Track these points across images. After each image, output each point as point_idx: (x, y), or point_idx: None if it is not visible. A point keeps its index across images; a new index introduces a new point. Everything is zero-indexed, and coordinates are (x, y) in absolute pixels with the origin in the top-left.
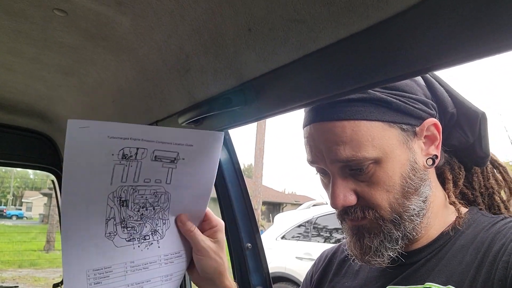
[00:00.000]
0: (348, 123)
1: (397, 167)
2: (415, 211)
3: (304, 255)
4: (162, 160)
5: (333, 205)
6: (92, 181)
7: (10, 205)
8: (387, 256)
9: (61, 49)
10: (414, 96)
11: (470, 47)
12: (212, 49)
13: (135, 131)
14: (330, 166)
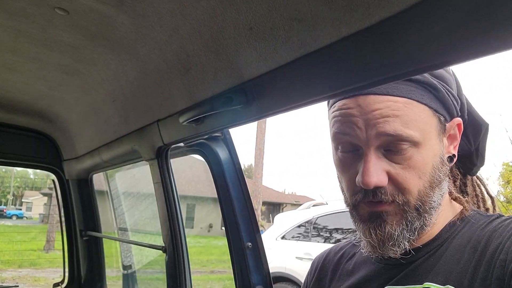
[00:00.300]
0: (402, 99)
1: (431, 156)
2: (435, 204)
3: (304, 255)
4: None
5: (365, 183)
6: None
7: (10, 205)
8: (403, 246)
9: (62, 48)
10: (453, 91)
11: (470, 45)
12: (213, 48)
13: None
14: (372, 140)
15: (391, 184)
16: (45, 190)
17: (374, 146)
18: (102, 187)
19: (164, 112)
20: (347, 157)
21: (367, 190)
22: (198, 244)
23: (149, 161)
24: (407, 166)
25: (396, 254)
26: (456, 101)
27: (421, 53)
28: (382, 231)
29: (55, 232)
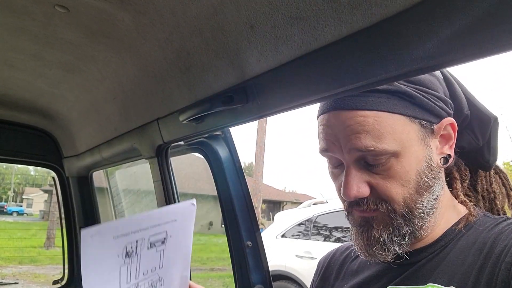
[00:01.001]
0: (371, 113)
1: (414, 163)
2: (426, 209)
3: (304, 253)
4: (156, 244)
5: (345, 196)
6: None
7: (11, 201)
8: (392, 250)
9: (62, 46)
10: (436, 93)
11: (472, 45)
12: (214, 47)
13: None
14: (347, 155)
15: (373, 194)
16: (46, 187)
17: (352, 160)
18: (102, 184)
19: (164, 110)
20: (334, 170)
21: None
22: (198, 241)
23: (149, 159)
24: (387, 176)
25: (387, 258)
26: (443, 102)
27: (422, 53)
28: (369, 235)
29: (55, 229)
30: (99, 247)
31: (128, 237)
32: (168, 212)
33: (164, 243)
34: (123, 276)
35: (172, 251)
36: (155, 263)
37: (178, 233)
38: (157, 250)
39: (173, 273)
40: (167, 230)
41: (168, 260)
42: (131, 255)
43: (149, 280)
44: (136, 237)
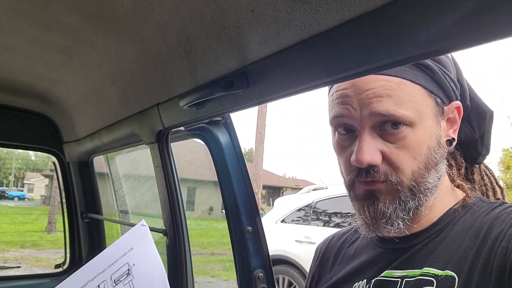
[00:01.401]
0: (395, 79)
1: (427, 137)
2: (430, 185)
3: (304, 238)
4: (121, 279)
5: (358, 161)
6: None
7: (12, 186)
8: (396, 225)
9: (61, 30)
10: (450, 74)
11: (477, 30)
12: (214, 31)
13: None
14: (366, 120)
15: (385, 163)
16: (47, 172)
17: (368, 125)
18: (103, 169)
19: (164, 96)
20: (344, 139)
21: (361, 168)
22: (199, 226)
23: (150, 145)
24: (402, 146)
25: (390, 232)
26: (455, 85)
27: (426, 38)
28: (375, 209)
29: (56, 213)
30: None
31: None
32: (121, 245)
33: (130, 274)
34: None
35: (141, 278)
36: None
37: (140, 259)
38: (125, 284)
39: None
40: (127, 262)
41: (141, 286)
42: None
43: None
44: (96, 283)
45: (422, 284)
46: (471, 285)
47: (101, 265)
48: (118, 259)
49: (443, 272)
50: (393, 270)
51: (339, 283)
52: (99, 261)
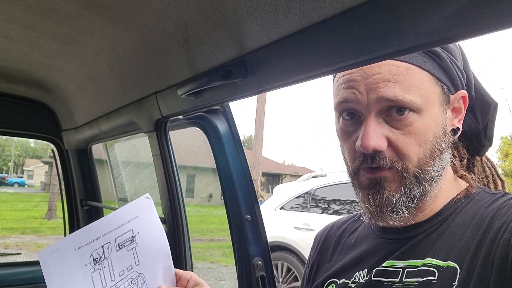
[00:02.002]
0: (404, 64)
1: (433, 124)
2: (435, 173)
3: (302, 225)
4: (125, 244)
5: (363, 147)
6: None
7: (12, 173)
8: (401, 213)
9: (58, 17)
10: (457, 63)
11: (479, 19)
12: (212, 19)
13: (94, 231)
14: (373, 105)
15: (390, 150)
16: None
17: (375, 111)
18: (102, 157)
19: (162, 84)
20: (348, 124)
21: (366, 154)
22: (198, 213)
23: (148, 133)
24: (408, 132)
25: (395, 221)
26: (461, 74)
27: (427, 28)
28: (380, 197)
29: (56, 200)
30: (62, 263)
31: (92, 245)
32: (125, 212)
33: (134, 241)
34: (97, 281)
35: (145, 246)
36: (130, 262)
37: (145, 228)
38: (128, 250)
39: (154, 266)
40: (132, 229)
41: (144, 255)
42: (100, 260)
43: (127, 279)
44: (100, 243)
45: (424, 275)
46: (473, 276)
47: (106, 227)
48: (123, 224)
49: (445, 263)
50: (394, 260)
51: (339, 272)
52: (104, 223)
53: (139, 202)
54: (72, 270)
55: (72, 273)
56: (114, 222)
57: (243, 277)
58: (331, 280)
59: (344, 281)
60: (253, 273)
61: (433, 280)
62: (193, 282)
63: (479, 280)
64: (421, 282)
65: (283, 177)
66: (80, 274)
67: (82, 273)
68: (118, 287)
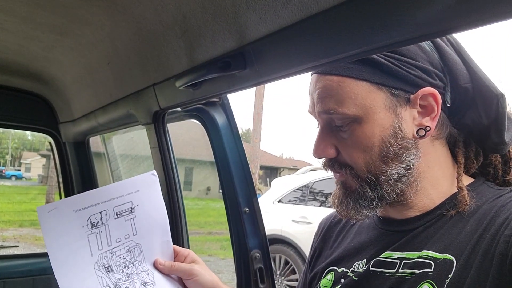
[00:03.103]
0: (337, 78)
1: (378, 130)
2: (393, 176)
3: (300, 218)
4: (122, 214)
5: (312, 154)
6: (76, 257)
7: (9, 166)
8: (362, 213)
9: (54, 8)
10: (412, 61)
11: (475, 12)
12: (211, 10)
13: (93, 197)
14: (318, 117)
15: (340, 157)
16: (43, 151)
17: (322, 122)
18: (100, 149)
19: (160, 76)
20: None
21: (324, 160)
22: (196, 206)
23: (146, 126)
24: (350, 140)
25: (359, 219)
26: (422, 70)
27: (427, 19)
28: (336, 197)
29: (54, 193)
30: (60, 221)
31: (90, 210)
32: (128, 185)
33: (132, 212)
34: (93, 243)
35: (143, 219)
36: (127, 231)
37: (145, 202)
38: (126, 219)
39: (151, 239)
40: (132, 201)
41: (142, 227)
42: (97, 225)
43: (124, 246)
44: (98, 209)
45: (420, 266)
46: (470, 270)
47: (105, 195)
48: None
49: (442, 255)
50: (393, 251)
51: (339, 261)
52: (104, 192)
53: (143, 177)
54: (69, 229)
55: (69, 231)
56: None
57: (241, 270)
58: (330, 267)
59: (344, 269)
60: (251, 266)
61: (429, 272)
62: (190, 259)
63: (477, 274)
64: (417, 273)
65: (281, 171)
66: (77, 234)
67: (79, 234)
68: (114, 252)
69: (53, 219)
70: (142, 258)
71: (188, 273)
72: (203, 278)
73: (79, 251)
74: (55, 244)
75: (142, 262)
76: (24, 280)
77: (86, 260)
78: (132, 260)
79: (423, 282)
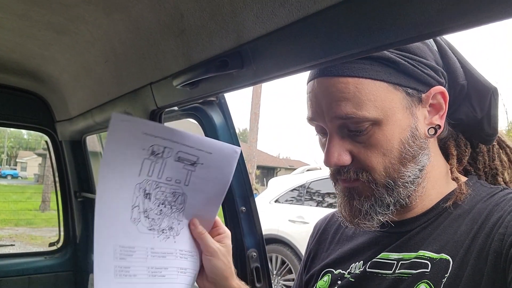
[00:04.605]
0: (352, 80)
1: (397, 132)
2: (410, 178)
3: (297, 218)
4: (184, 161)
5: (326, 163)
6: (123, 169)
7: (5, 165)
8: (377, 220)
9: (51, 6)
10: (424, 60)
11: (472, 12)
12: (208, 9)
13: (166, 131)
14: (329, 123)
15: (355, 163)
16: (39, 150)
17: (335, 128)
18: (96, 148)
19: (157, 75)
20: (321, 138)
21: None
22: None
23: None
24: (369, 144)
25: (370, 227)
26: (433, 69)
27: (425, 18)
28: (351, 206)
29: (50, 192)
30: (127, 133)
31: (157, 140)
32: (205, 142)
33: (194, 166)
34: (145, 167)
35: (201, 178)
36: (181, 176)
37: (211, 166)
38: (184, 167)
39: (199, 199)
40: (199, 156)
41: (195, 183)
42: (156, 155)
43: (171, 187)
44: (165, 143)
45: (417, 267)
46: (466, 268)
47: (178, 137)
48: (193, 147)
49: (438, 256)
50: (389, 252)
51: (336, 263)
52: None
53: (224, 146)
54: (131, 144)
55: (130, 146)
56: (187, 140)
57: (238, 269)
58: (327, 269)
59: (340, 271)
60: (248, 265)
61: (426, 272)
62: (221, 238)
63: (472, 273)
64: (414, 274)
65: (278, 170)
66: (135, 152)
67: (137, 153)
68: (160, 185)
69: (122, 128)
70: (182, 208)
71: (208, 249)
72: (216, 262)
73: (130, 166)
74: (112, 150)
75: (180, 211)
76: (19, 279)
77: (132, 177)
78: (172, 203)
79: (420, 282)
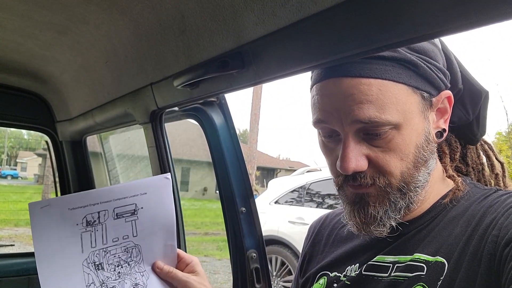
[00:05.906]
0: (375, 82)
1: (414, 136)
2: (421, 183)
3: (297, 219)
4: (124, 215)
5: (343, 169)
6: (64, 253)
7: (5, 165)
8: (388, 225)
9: (52, 6)
10: (438, 64)
11: (473, 13)
12: (209, 9)
13: (92, 196)
14: (348, 127)
15: (371, 167)
16: (40, 150)
17: (352, 132)
18: (96, 149)
19: (158, 75)
20: (328, 141)
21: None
22: (193, 206)
23: (143, 125)
24: (388, 149)
25: (382, 233)
26: (443, 73)
27: (425, 19)
28: (365, 213)
29: (50, 192)
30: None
31: (87, 209)
32: (135, 186)
33: (135, 214)
34: (86, 241)
35: (146, 222)
36: (126, 231)
37: (151, 205)
38: (127, 221)
39: (153, 241)
40: (136, 203)
41: (143, 229)
42: (93, 223)
43: (121, 246)
44: (96, 209)
45: (412, 270)
46: (460, 271)
47: (106, 196)
48: (126, 197)
49: (434, 258)
50: (385, 255)
51: (331, 265)
52: (105, 192)
53: (154, 179)
54: (61, 226)
55: (61, 228)
56: (117, 193)
57: (238, 269)
58: (323, 272)
59: (336, 274)
60: (248, 265)
61: (422, 275)
62: (192, 268)
63: (466, 275)
64: (410, 277)
65: (278, 171)
66: (69, 231)
67: (71, 231)
68: (108, 250)
69: (45, 215)
70: (140, 259)
71: (182, 284)
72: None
73: (69, 247)
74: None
75: (140, 263)
76: (19, 279)
77: (75, 257)
78: (128, 260)
79: (416, 285)
